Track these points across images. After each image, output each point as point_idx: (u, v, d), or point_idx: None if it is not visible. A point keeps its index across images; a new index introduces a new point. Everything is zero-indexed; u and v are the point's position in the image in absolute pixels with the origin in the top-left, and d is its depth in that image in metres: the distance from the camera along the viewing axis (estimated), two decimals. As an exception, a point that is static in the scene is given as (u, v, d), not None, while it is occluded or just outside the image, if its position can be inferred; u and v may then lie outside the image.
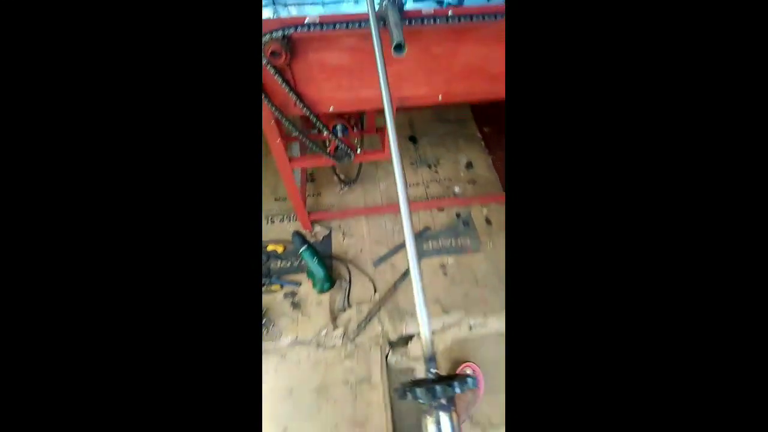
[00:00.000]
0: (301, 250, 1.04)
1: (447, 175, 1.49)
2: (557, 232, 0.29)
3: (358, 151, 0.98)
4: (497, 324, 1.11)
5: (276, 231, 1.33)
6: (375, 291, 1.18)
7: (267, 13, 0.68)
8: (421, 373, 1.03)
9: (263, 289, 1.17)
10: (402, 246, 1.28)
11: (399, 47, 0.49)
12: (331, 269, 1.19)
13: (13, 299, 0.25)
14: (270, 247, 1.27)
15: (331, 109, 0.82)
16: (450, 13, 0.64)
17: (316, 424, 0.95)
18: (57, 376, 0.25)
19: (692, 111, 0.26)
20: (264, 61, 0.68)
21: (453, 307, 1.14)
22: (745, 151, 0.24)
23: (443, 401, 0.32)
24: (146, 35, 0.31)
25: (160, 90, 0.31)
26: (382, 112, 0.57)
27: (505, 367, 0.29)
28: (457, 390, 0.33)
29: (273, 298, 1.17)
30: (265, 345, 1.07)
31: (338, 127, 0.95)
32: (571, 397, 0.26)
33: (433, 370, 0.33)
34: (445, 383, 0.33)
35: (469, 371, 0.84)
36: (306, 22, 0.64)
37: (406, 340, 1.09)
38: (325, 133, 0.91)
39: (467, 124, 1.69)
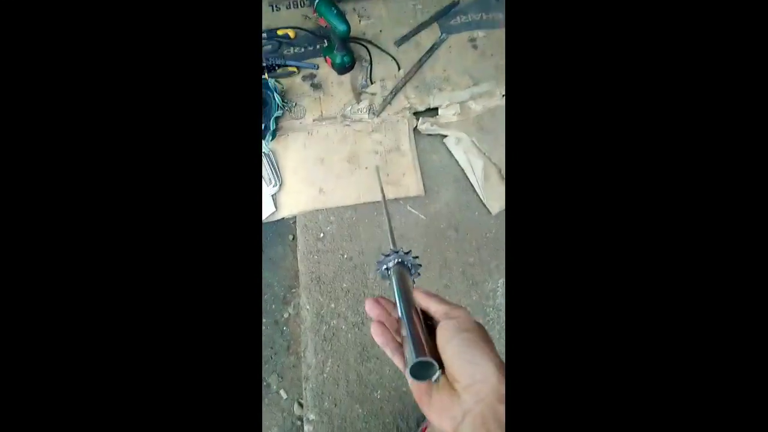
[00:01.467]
0: (316, 2, 0.92)
1: (478, -57, 1.23)
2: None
3: None
4: (530, 93, 1.06)
5: (284, 18, 1.18)
6: (399, 68, 1.10)
7: None
8: (452, 140, 1.03)
9: (279, 71, 1.09)
10: (426, 24, 1.14)
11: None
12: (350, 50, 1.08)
13: (9, 299, 0.23)
14: (281, 31, 1.14)
15: None
16: None
17: (350, 184, 1.00)
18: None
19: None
20: None
21: (483, 79, 1.07)
22: (746, 149, 0.22)
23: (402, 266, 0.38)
24: None
25: None
26: None
27: (506, 361, 0.27)
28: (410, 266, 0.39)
29: (291, 81, 1.10)
30: (291, 123, 1.06)
31: None
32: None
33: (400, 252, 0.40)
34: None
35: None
36: None
37: (434, 110, 1.06)
38: None
39: None
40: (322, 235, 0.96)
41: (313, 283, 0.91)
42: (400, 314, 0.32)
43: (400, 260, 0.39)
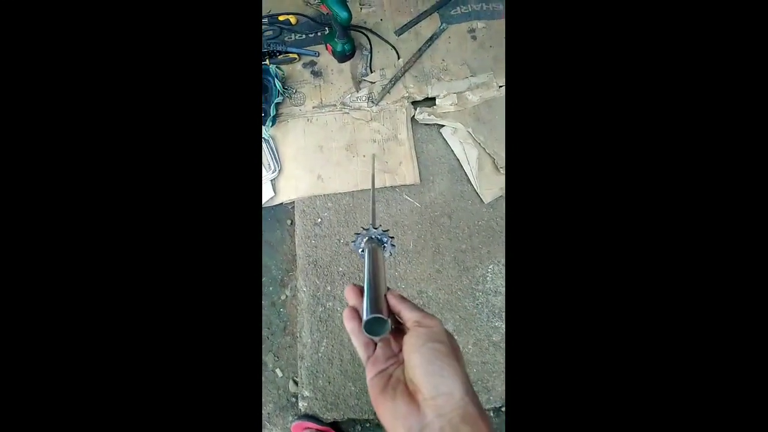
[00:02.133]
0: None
1: (480, -68, 1.23)
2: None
3: None
4: (526, 85, 1.08)
5: (285, 4, 1.18)
6: (398, 57, 1.11)
7: None
8: (448, 130, 1.05)
9: (280, 57, 1.10)
10: (427, 13, 1.15)
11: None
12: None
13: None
14: (282, 17, 1.15)
15: None
16: None
17: (348, 172, 1.02)
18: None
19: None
20: None
21: (481, 70, 1.08)
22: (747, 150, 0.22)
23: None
24: None
25: None
26: None
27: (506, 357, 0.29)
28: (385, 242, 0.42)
29: (292, 68, 1.11)
30: (291, 110, 1.07)
31: None
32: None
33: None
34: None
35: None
36: None
37: (432, 99, 1.07)
38: None
39: None
40: (319, 220, 0.98)
41: (310, 267, 0.94)
42: (365, 280, 0.34)
43: (372, 236, 0.41)
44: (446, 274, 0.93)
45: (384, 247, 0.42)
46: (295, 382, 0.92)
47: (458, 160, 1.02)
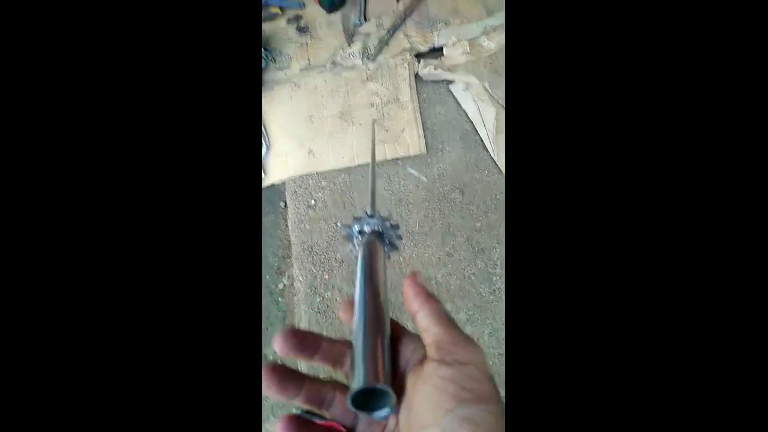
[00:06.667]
0: None
1: None
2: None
3: None
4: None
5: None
6: (398, 1, 0.93)
7: None
8: (459, 86, 0.88)
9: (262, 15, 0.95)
10: (431, -59, 0.94)
11: None
12: (339, -18, 0.92)
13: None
14: (259, -37, 0.98)
15: None
16: None
17: (343, 144, 0.89)
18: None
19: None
20: None
21: (499, 8, 0.89)
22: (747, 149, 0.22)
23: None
24: None
25: None
26: None
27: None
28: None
29: (274, 26, 0.96)
30: (275, 74, 0.94)
31: None
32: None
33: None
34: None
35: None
36: None
37: (438, 50, 0.90)
38: None
39: None
40: (313, 201, 0.87)
41: (305, 254, 0.85)
42: (355, 316, 0.23)
43: (373, 229, 0.29)
44: (458, 257, 0.81)
45: (385, 244, 0.29)
46: (298, 375, 0.87)
47: (472, 122, 0.86)
